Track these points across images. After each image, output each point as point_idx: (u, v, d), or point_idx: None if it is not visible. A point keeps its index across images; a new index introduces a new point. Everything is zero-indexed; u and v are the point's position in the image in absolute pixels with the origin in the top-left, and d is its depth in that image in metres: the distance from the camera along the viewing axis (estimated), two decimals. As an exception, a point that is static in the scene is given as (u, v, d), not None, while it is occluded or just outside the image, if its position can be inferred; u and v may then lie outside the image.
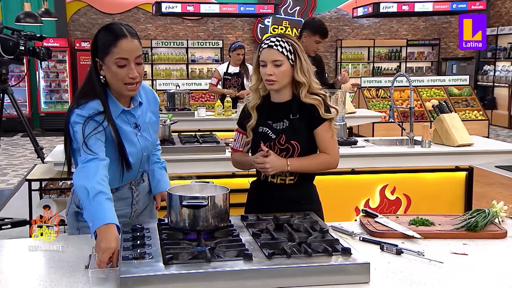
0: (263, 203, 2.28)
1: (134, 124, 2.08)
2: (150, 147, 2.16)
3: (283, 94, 2.27)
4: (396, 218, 2.19)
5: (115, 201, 2.00)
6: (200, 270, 1.52)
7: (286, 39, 2.21)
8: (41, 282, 1.59)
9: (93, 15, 12.65)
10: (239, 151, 2.40)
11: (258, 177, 2.36)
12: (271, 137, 2.25)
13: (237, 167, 2.45)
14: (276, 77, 2.19)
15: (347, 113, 5.71)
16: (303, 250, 1.65)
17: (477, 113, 10.57)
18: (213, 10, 11.33)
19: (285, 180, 2.27)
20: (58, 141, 10.43)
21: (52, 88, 12.15)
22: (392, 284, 1.59)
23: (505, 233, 2.02)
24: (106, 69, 1.97)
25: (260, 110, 2.30)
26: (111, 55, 1.93)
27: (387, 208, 3.99)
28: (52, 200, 3.86)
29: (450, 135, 3.99)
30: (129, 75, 1.94)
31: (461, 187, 4.05)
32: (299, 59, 2.21)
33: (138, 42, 1.98)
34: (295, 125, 2.23)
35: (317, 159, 2.27)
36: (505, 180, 7.02)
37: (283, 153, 2.22)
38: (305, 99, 2.21)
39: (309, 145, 2.26)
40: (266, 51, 2.20)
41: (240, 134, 2.38)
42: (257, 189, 2.37)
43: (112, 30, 1.97)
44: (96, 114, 1.94)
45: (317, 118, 2.22)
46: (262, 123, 2.28)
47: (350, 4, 13.20)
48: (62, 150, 4.01)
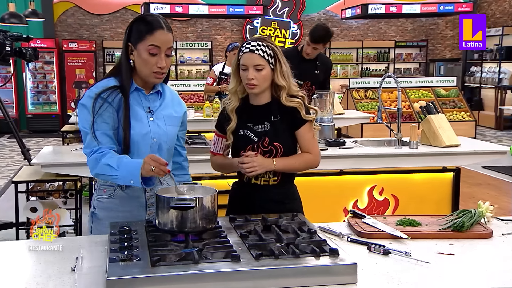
0: (247, 204, 2.29)
1: (148, 108, 2.12)
2: (164, 137, 2.13)
3: (263, 97, 2.29)
4: (383, 218, 2.20)
5: (125, 199, 2.09)
6: (187, 272, 1.52)
7: (267, 43, 2.24)
8: (27, 285, 1.58)
9: (81, 16, 12.58)
10: (219, 154, 2.40)
11: (241, 178, 2.37)
12: (253, 139, 2.26)
13: (218, 170, 2.45)
14: (257, 81, 2.21)
15: (336, 114, 5.72)
16: (291, 251, 1.65)
17: (464, 114, 10.66)
18: (202, 11, 11.32)
19: (268, 181, 2.30)
20: (45, 142, 10.35)
21: (40, 89, 12.07)
22: (379, 285, 1.60)
23: (490, 233, 2.04)
24: (137, 54, 2.06)
25: (239, 113, 2.31)
26: (145, 41, 2.02)
27: (376, 208, 4.01)
28: (39, 202, 3.81)
29: (437, 136, 4.02)
30: (158, 64, 2.03)
31: (448, 187, 4.08)
32: (279, 63, 2.24)
33: (171, 36, 2.08)
34: (277, 127, 2.26)
35: (301, 159, 2.31)
36: (491, 181, 7.09)
37: (267, 155, 2.25)
38: (286, 102, 2.25)
39: (290, 146, 2.30)
40: (247, 55, 2.22)
41: (219, 138, 2.38)
42: (240, 190, 2.38)
43: (150, 20, 2.06)
44: (104, 91, 2.04)
45: (299, 119, 2.26)
46: (243, 126, 2.29)
47: (338, 6, 13.26)
48: (49, 151, 3.99)
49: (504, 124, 11.93)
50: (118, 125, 2.05)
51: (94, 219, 2.17)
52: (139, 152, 2.07)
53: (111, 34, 12.78)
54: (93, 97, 2.03)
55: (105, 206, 2.13)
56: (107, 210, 2.13)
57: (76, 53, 12.11)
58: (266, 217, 1.99)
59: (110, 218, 2.07)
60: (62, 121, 11.50)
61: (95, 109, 2.02)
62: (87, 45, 12.19)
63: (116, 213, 2.11)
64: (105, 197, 2.14)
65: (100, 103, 2.03)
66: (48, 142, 10.33)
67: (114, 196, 2.12)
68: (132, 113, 2.06)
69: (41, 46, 11.38)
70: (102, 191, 2.14)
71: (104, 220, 2.10)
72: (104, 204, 2.14)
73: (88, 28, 12.67)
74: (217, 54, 13.35)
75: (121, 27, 12.78)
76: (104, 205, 2.14)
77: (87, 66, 12.18)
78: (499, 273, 1.70)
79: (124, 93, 2.06)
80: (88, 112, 2.02)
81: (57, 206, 3.89)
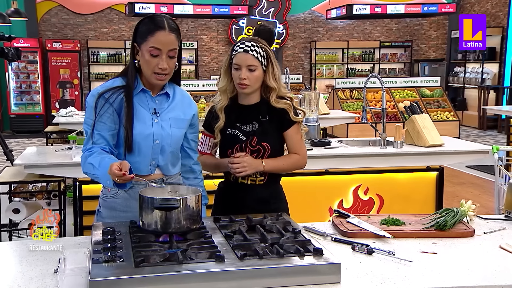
0: (233, 203, 2.30)
1: (153, 109, 2.10)
2: (167, 140, 2.10)
3: (252, 97, 2.30)
4: (368, 218, 2.22)
5: (128, 200, 2.09)
6: (171, 273, 1.51)
7: (260, 44, 2.26)
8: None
9: (65, 15, 12.47)
10: (206, 153, 2.40)
11: (227, 178, 2.37)
12: (241, 139, 2.27)
13: (206, 169, 2.45)
14: (249, 81, 2.22)
15: (321, 114, 5.75)
16: (275, 251, 1.66)
17: (448, 114, 10.77)
18: (187, 11, 11.28)
19: (255, 180, 2.30)
20: (29, 143, 10.24)
21: (23, 89, 11.93)
22: (363, 284, 1.60)
23: (472, 232, 2.06)
24: (141, 55, 2.06)
25: (227, 112, 2.31)
26: (147, 43, 2.02)
27: (361, 208, 4.03)
28: (22, 204, 3.77)
29: (421, 136, 4.06)
30: (158, 65, 2.02)
31: (433, 186, 4.12)
32: (271, 65, 2.26)
33: (175, 37, 2.05)
34: (265, 127, 2.27)
35: (289, 159, 2.33)
36: (475, 180, 7.17)
37: (254, 154, 2.26)
38: (275, 104, 2.27)
39: (278, 147, 2.32)
40: (241, 55, 2.23)
41: (207, 137, 2.39)
42: (227, 190, 2.38)
43: (154, 21, 2.05)
44: (107, 90, 2.05)
45: (288, 121, 2.28)
46: (231, 125, 2.30)
47: (324, 6, 13.31)
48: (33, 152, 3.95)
49: (487, 124, 12.06)
50: (119, 126, 2.05)
51: (98, 217, 2.17)
52: (141, 153, 2.07)
53: (95, 34, 12.68)
54: (95, 96, 2.05)
55: (109, 205, 2.14)
56: (110, 209, 2.13)
57: (60, 52, 11.99)
58: (251, 217, 1.99)
59: (113, 217, 2.09)
60: (46, 121, 11.38)
61: (97, 109, 2.04)
62: (71, 44, 12.08)
63: (119, 213, 2.11)
64: (109, 196, 2.14)
65: (102, 103, 2.04)
66: (31, 143, 10.22)
67: (118, 196, 2.12)
68: (136, 114, 2.05)
69: (24, 45, 11.25)
70: (107, 190, 2.14)
71: (107, 219, 2.11)
72: (108, 203, 2.14)
73: (72, 28, 12.56)
74: (203, 54, 13.33)
75: (106, 26, 12.69)
76: (108, 204, 2.14)
77: (72, 66, 12.07)
78: (481, 271, 1.72)
79: (128, 93, 2.06)
80: (91, 111, 2.05)
81: (41, 207, 3.86)
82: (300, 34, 13.75)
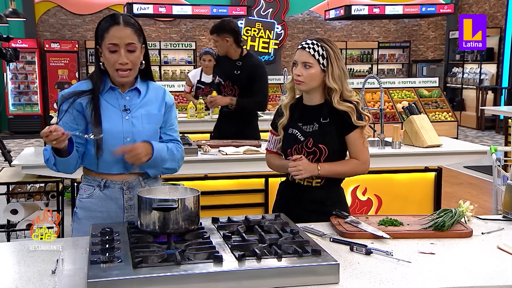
0: (290, 202, 2.35)
1: (123, 106, 2.10)
2: (140, 136, 2.08)
3: (315, 98, 2.31)
4: (366, 218, 2.22)
5: (104, 200, 2.09)
6: (169, 273, 1.51)
7: (322, 44, 2.25)
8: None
9: (63, 16, 12.46)
10: (273, 152, 2.46)
11: (287, 178, 2.42)
12: (299, 139, 2.30)
13: (272, 168, 2.51)
14: (303, 78, 2.24)
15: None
16: (274, 252, 1.66)
17: (446, 114, 10.78)
18: (185, 12, 11.28)
19: (312, 182, 2.32)
20: (27, 143, 10.23)
21: (21, 90, 11.91)
22: (361, 284, 1.60)
23: (470, 232, 2.06)
24: (103, 54, 2.06)
25: (292, 110, 2.35)
26: (105, 40, 2.03)
27: (359, 208, 4.03)
28: (19, 204, 3.77)
29: (419, 136, 4.06)
30: (118, 61, 2.01)
31: (431, 187, 4.12)
32: (331, 65, 2.24)
33: (131, 31, 2.04)
34: (324, 129, 2.27)
35: (347, 165, 2.32)
36: (473, 180, 7.18)
37: (311, 156, 2.27)
38: (338, 106, 2.25)
39: (337, 150, 2.30)
40: (299, 51, 2.27)
41: (273, 135, 2.45)
42: (285, 189, 2.43)
43: (107, 18, 2.07)
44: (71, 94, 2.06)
45: (350, 124, 2.26)
46: (292, 124, 2.33)
47: (322, 6, 13.32)
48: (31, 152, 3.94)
49: (485, 124, 12.08)
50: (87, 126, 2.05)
51: (75, 218, 2.18)
52: (111, 152, 2.04)
53: (93, 35, 12.65)
54: (60, 98, 2.10)
55: (85, 205, 2.14)
56: (86, 210, 2.13)
57: (58, 53, 11.98)
58: (249, 217, 1.99)
59: (89, 218, 2.09)
60: (44, 122, 11.37)
61: (61, 110, 2.08)
62: (70, 45, 12.07)
63: (95, 213, 2.11)
64: (85, 197, 2.14)
65: (64, 105, 2.07)
66: (29, 143, 10.21)
67: (93, 196, 2.12)
68: (103, 113, 2.05)
69: (22, 46, 11.24)
70: (82, 190, 2.15)
71: (83, 220, 2.12)
72: (84, 204, 2.14)
73: (70, 28, 12.55)
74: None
75: (104, 27, 12.67)
76: (83, 204, 2.14)
77: (70, 66, 12.06)
78: (479, 271, 1.72)
79: (94, 96, 2.06)
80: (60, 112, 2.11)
81: (39, 208, 3.85)
82: (299, 34, 13.75)
